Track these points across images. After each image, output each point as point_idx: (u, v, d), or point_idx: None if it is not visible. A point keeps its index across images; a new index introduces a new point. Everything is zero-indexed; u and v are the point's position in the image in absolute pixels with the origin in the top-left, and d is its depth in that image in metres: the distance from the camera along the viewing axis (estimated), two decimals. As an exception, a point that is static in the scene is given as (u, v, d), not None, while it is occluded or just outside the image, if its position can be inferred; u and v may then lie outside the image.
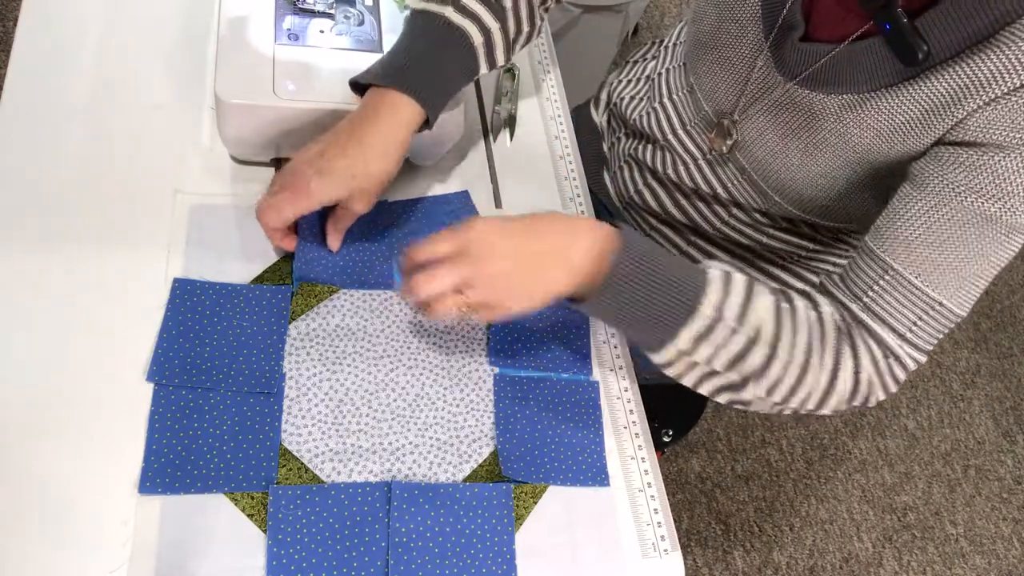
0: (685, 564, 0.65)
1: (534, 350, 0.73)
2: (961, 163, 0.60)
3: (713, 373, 0.64)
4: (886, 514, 1.77)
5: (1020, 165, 0.58)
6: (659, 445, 1.22)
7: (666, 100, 0.85)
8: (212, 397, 0.64)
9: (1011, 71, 0.57)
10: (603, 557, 0.65)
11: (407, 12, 0.80)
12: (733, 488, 1.72)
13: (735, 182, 0.81)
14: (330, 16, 0.78)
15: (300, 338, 0.69)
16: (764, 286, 0.65)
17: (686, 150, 0.84)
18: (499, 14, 0.71)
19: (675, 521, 0.72)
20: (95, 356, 0.63)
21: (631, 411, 0.72)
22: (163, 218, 0.71)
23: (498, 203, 0.83)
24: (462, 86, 0.73)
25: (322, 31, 0.76)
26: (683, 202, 0.87)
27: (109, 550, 0.56)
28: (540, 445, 0.68)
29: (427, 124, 0.68)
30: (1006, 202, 0.59)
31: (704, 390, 0.66)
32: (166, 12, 0.85)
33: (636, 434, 0.71)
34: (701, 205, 0.86)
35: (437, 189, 0.81)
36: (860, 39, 0.65)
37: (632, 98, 0.93)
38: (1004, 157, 0.59)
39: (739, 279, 0.64)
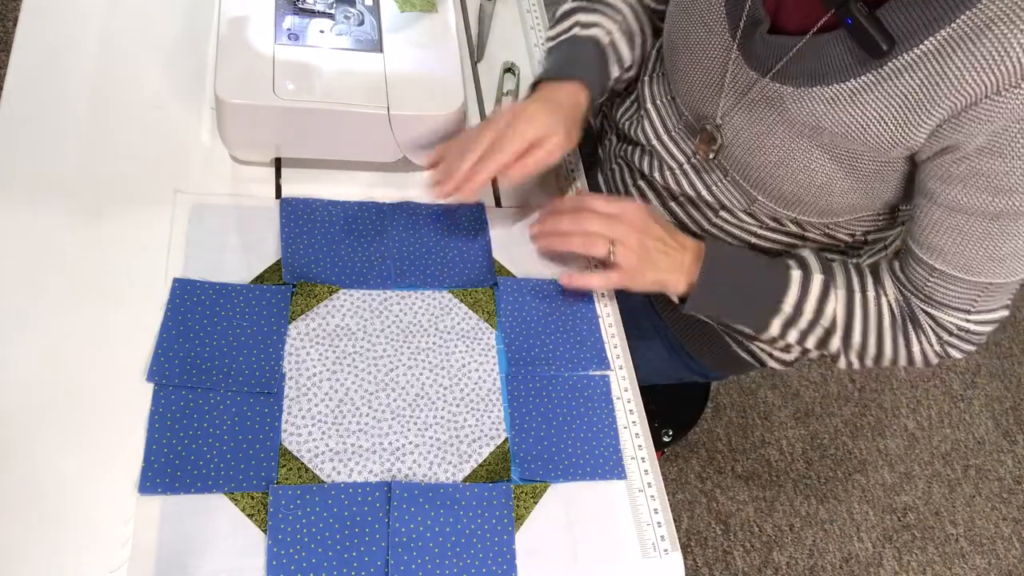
0: (685, 564, 0.65)
1: (546, 348, 0.73)
2: (958, 176, 0.64)
3: (808, 348, 0.79)
4: (886, 514, 1.77)
5: (1008, 166, 0.62)
6: (659, 445, 1.22)
7: (649, 106, 0.86)
8: (212, 397, 0.64)
9: (981, 69, 0.59)
10: (603, 557, 0.65)
11: (405, 12, 0.80)
12: (733, 488, 1.72)
13: (719, 185, 0.81)
14: (330, 16, 0.78)
15: (300, 338, 0.69)
16: (841, 278, 0.76)
17: (671, 155, 0.84)
18: (614, 17, 0.85)
19: (675, 521, 0.72)
20: (95, 356, 0.63)
21: (631, 411, 0.72)
22: (163, 218, 0.71)
23: (498, 203, 0.83)
24: (604, 69, 0.84)
25: (322, 31, 0.76)
26: (671, 204, 0.87)
27: (109, 550, 0.56)
28: (556, 442, 0.69)
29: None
30: (1008, 197, 0.63)
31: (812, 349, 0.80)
32: (166, 12, 0.85)
33: (636, 434, 0.71)
34: (690, 208, 0.87)
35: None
36: (827, 30, 0.65)
37: (621, 102, 0.93)
38: (991, 160, 0.62)
39: (817, 279, 0.75)
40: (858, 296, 0.75)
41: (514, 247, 0.79)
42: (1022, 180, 0.62)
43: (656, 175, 0.86)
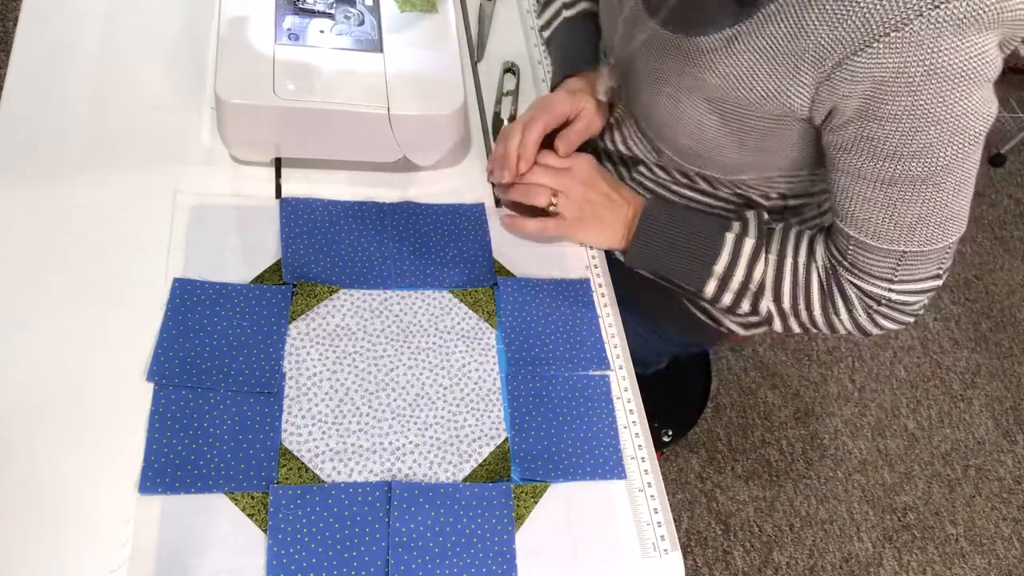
0: (685, 564, 0.65)
1: (546, 348, 0.73)
2: (847, 141, 0.64)
3: (745, 311, 0.79)
4: (886, 514, 1.77)
5: (885, 130, 0.61)
6: (659, 445, 1.22)
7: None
8: (212, 397, 0.64)
9: (833, 23, 0.59)
10: (603, 557, 0.65)
11: (406, 12, 0.80)
12: (733, 488, 1.72)
13: (634, 139, 0.84)
14: (330, 16, 0.78)
15: (300, 338, 0.69)
16: (776, 243, 0.76)
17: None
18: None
19: (675, 521, 0.72)
20: (95, 356, 0.63)
21: (631, 411, 0.72)
22: (163, 218, 0.71)
23: (498, 203, 0.83)
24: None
25: (322, 31, 0.76)
26: (620, 170, 0.90)
27: (109, 550, 0.56)
28: (556, 442, 0.69)
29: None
30: (896, 163, 0.63)
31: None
32: (166, 12, 0.85)
33: (636, 434, 0.71)
34: (608, 166, 0.90)
35: (437, 188, 0.81)
36: None
37: None
38: (869, 124, 0.61)
39: (748, 243, 0.75)
40: (789, 261, 0.75)
41: (514, 247, 0.79)
42: (904, 144, 0.61)
43: (598, 139, 0.89)
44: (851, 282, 0.73)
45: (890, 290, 0.72)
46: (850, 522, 1.73)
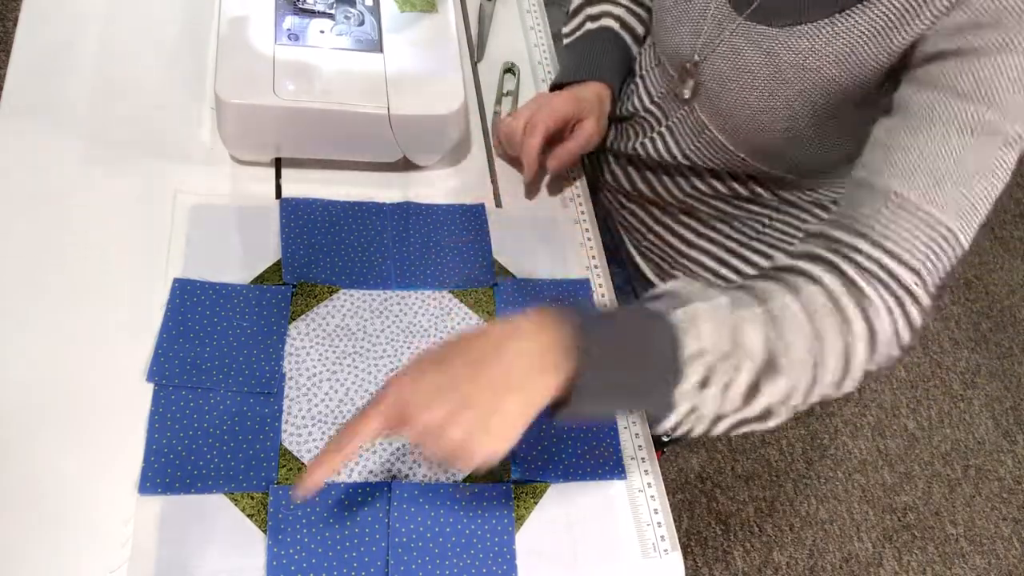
0: (685, 564, 0.65)
1: None
2: (940, 76, 0.57)
3: (725, 416, 0.56)
4: (886, 514, 1.77)
5: (996, 69, 0.55)
6: (659, 445, 1.21)
7: (638, 78, 0.87)
8: (212, 397, 0.64)
9: None
10: (603, 557, 0.65)
11: (406, 12, 0.80)
12: (733, 488, 1.72)
13: (694, 146, 0.81)
14: (330, 16, 0.78)
15: (300, 338, 0.69)
16: (741, 305, 0.56)
17: (647, 121, 0.85)
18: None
19: (675, 521, 0.72)
20: (95, 356, 0.63)
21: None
22: (163, 218, 0.71)
23: (498, 203, 0.83)
24: (621, 61, 0.88)
25: (322, 31, 0.76)
26: (648, 175, 0.88)
27: (109, 550, 0.56)
28: (556, 442, 0.69)
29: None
30: (994, 107, 0.55)
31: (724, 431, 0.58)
32: (166, 12, 0.85)
33: (636, 434, 0.71)
34: (665, 178, 0.87)
35: (437, 188, 0.82)
36: None
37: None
38: (980, 60, 0.55)
39: (703, 309, 0.54)
40: (768, 308, 0.56)
41: (514, 247, 0.79)
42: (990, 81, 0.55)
43: (634, 144, 0.86)
44: (879, 261, 0.57)
45: (916, 284, 0.57)
46: (850, 522, 1.73)
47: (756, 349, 0.54)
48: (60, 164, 0.72)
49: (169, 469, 0.60)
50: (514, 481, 0.66)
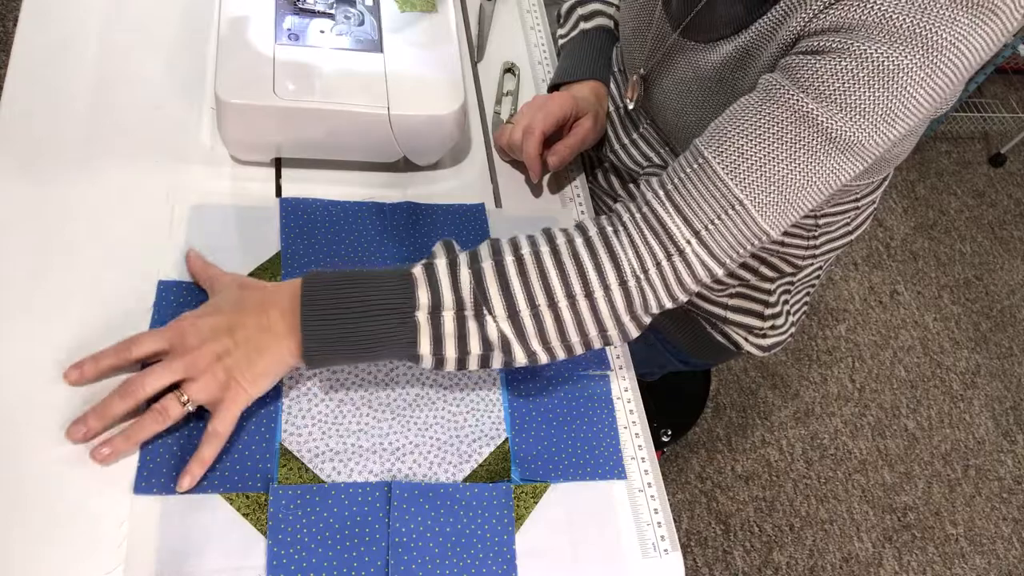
0: (685, 564, 0.65)
1: None
2: (787, 65, 0.59)
3: (471, 355, 0.61)
4: (886, 514, 1.77)
5: (836, 69, 0.56)
6: (659, 445, 1.22)
7: (612, 85, 0.90)
8: (212, 397, 0.63)
9: None
10: (603, 557, 0.65)
11: (406, 12, 0.80)
12: (733, 488, 1.72)
13: (654, 156, 0.84)
14: (330, 16, 0.78)
15: (300, 338, 0.68)
16: (486, 250, 0.62)
17: (615, 131, 0.88)
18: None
19: (675, 521, 0.72)
20: (95, 356, 0.63)
21: (631, 411, 0.72)
22: (163, 218, 0.71)
23: (498, 203, 0.83)
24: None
25: (322, 31, 0.76)
26: (629, 184, 0.90)
27: (105, 551, 0.56)
28: (556, 442, 0.69)
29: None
30: (825, 104, 0.57)
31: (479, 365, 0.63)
32: (166, 12, 0.85)
33: (636, 434, 0.71)
34: (632, 187, 0.88)
35: (437, 188, 0.82)
36: None
37: None
38: (821, 59, 0.57)
39: (441, 264, 0.60)
40: (509, 258, 0.61)
41: (514, 247, 0.79)
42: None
43: (608, 153, 0.90)
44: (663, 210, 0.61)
45: (689, 242, 0.61)
46: (850, 522, 1.73)
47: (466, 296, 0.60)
48: (60, 164, 0.72)
49: (165, 469, 0.59)
50: (514, 481, 0.66)
